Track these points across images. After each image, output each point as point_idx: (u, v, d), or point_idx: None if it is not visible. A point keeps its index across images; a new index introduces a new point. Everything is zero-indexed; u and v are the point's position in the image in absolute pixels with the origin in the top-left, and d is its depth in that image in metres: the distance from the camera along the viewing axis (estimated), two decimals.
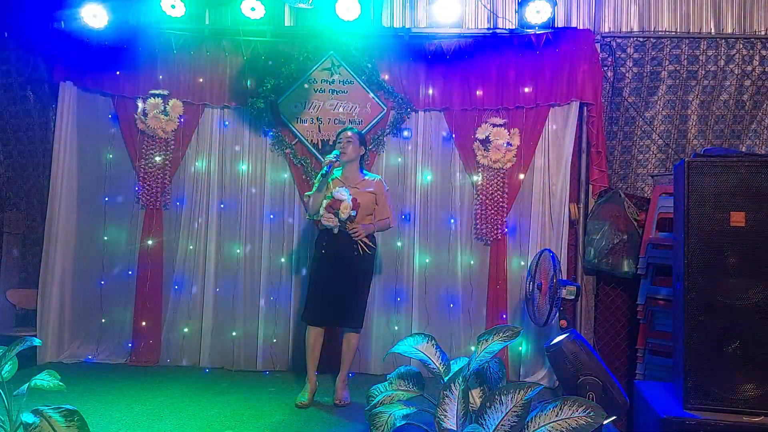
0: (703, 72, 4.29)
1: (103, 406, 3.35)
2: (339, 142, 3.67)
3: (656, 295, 3.83)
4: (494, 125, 4.27)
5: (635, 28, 4.37)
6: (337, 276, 3.53)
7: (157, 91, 4.40)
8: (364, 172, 3.79)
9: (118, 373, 4.09)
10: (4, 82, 4.64)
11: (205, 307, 4.38)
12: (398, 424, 2.09)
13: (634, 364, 3.94)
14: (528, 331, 4.16)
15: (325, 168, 3.50)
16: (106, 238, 4.49)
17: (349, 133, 3.66)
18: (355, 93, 4.42)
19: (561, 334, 3.01)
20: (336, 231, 3.48)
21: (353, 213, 3.44)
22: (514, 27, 4.36)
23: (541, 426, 1.97)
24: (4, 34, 4.60)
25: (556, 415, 1.98)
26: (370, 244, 3.59)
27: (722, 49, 4.27)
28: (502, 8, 4.42)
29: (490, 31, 4.38)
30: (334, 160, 3.52)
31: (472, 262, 4.36)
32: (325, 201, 3.48)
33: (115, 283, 4.47)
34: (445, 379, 2.28)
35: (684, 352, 2.76)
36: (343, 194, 3.45)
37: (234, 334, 4.37)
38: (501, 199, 4.29)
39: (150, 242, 4.43)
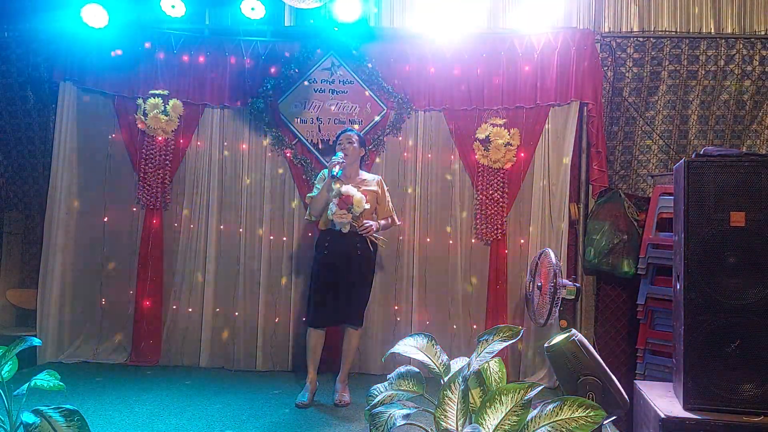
0: (703, 72, 4.29)
1: (103, 406, 3.36)
2: (339, 144, 3.67)
3: (656, 295, 3.83)
4: (494, 125, 4.27)
5: (635, 28, 4.37)
6: (340, 276, 3.53)
7: (157, 91, 4.40)
8: (364, 172, 3.79)
9: (118, 373, 4.09)
10: (4, 82, 4.64)
11: (205, 307, 4.38)
12: (398, 424, 2.09)
13: (634, 364, 3.94)
14: (528, 331, 4.16)
15: (333, 171, 3.47)
16: (106, 238, 4.49)
17: (350, 135, 3.68)
18: (355, 93, 4.42)
19: (561, 334, 3.01)
20: (346, 229, 3.47)
21: (367, 206, 3.44)
22: (514, 27, 4.36)
23: (541, 426, 1.97)
24: (4, 34, 4.60)
25: (556, 415, 1.98)
26: (381, 237, 3.60)
27: (722, 49, 4.27)
28: (502, 8, 4.42)
29: (491, 31, 4.38)
30: (341, 161, 3.51)
31: (472, 262, 4.36)
32: (334, 200, 3.47)
33: (115, 283, 4.47)
34: (445, 379, 2.27)
35: (684, 352, 2.75)
36: (354, 190, 3.45)
37: (234, 334, 4.37)
38: (501, 199, 4.29)
39: (150, 242, 4.42)
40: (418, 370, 2.52)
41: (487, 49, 4.32)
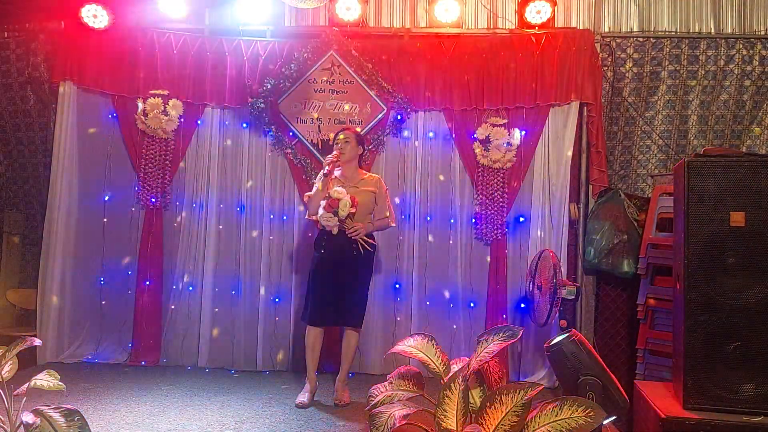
0: (703, 72, 4.29)
1: (103, 406, 3.35)
2: (337, 143, 3.68)
3: (656, 295, 3.83)
4: (494, 125, 4.27)
5: (635, 28, 4.37)
6: (337, 276, 3.53)
7: (157, 91, 4.40)
8: (363, 171, 3.79)
9: (118, 373, 4.09)
10: (4, 82, 4.64)
11: (204, 307, 4.39)
12: (398, 424, 2.09)
13: (634, 364, 3.94)
14: (528, 331, 4.16)
15: (326, 168, 3.50)
16: (106, 238, 4.49)
17: (347, 133, 3.68)
18: (355, 93, 4.42)
19: (561, 334, 3.01)
20: (335, 231, 3.48)
21: (353, 210, 3.44)
22: (514, 27, 4.36)
23: (541, 426, 1.97)
24: (4, 34, 4.60)
25: (556, 415, 1.98)
26: (371, 241, 3.60)
27: (722, 49, 4.27)
28: (502, 8, 4.43)
29: (490, 31, 4.39)
30: (334, 160, 3.53)
31: (472, 262, 4.36)
32: (321, 202, 3.48)
33: (115, 283, 4.47)
34: (445, 379, 2.28)
35: (684, 352, 2.75)
36: (341, 192, 3.45)
37: (234, 334, 4.37)
38: (501, 199, 4.29)
39: (150, 242, 4.42)
40: (418, 370, 2.52)
41: (487, 49, 4.32)
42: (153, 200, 4.43)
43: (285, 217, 4.45)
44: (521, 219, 4.35)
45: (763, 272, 2.67)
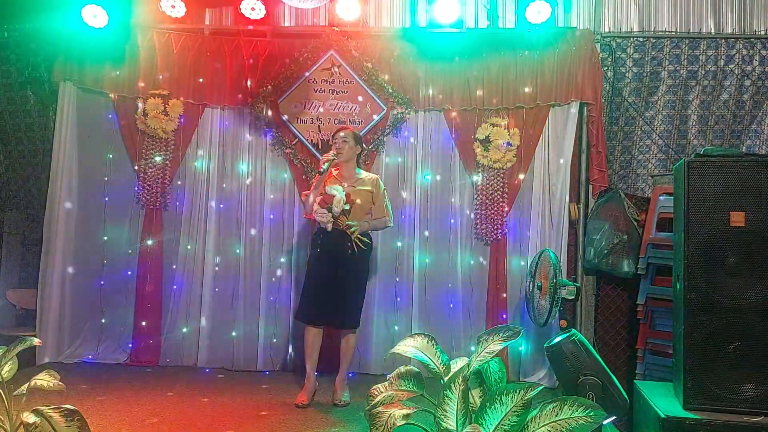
0: (703, 72, 4.29)
1: (103, 406, 3.35)
2: (335, 143, 3.68)
3: (656, 295, 3.83)
4: (494, 125, 4.27)
5: (635, 28, 4.37)
6: (332, 275, 3.52)
7: (157, 91, 4.40)
8: (361, 171, 3.78)
9: (118, 373, 4.09)
10: (4, 82, 4.64)
11: (204, 307, 4.39)
12: (398, 424, 2.09)
13: (634, 364, 3.94)
14: (528, 331, 4.15)
15: (324, 166, 3.50)
16: (106, 238, 4.49)
17: (345, 133, 3.68)
18: (355, 93, 4.42)
19: (561, 334, 3.01)
20: (330, 228, 3.48)
21: (347, 207, 3.44)
22: (514, 27, 4.36)
23: (541, 426, 1.97)
24: (4, 34, 4.61)
25: (556, 415, 1.98)
26: (366, 240, 3.59)
27: (722, 49, 4.27)
28: (502, 8, 4.42)
29: (490, 31, 4.38)
30: (331, 158, 3.53)
31: (472, 262, 4.36)
32: (316, 199, 3.49)
33: (115, 283, 4.47)
34: (445, 379, 2.27)
35: (684, 352, 2.76)
36: (336, 190, 3.46)
37: (234, 334, 4.37)
38: (501, 199, 4.29)
39: (150, 242, 4.43)
40: (418, 370, 2.52)
41: (487, 49, 4.32)
42: (153, 200, 4.43)
43: (285, 217, 4.44)
44: (521, 219, 4.34)
45: (763, 272, 2.68)
